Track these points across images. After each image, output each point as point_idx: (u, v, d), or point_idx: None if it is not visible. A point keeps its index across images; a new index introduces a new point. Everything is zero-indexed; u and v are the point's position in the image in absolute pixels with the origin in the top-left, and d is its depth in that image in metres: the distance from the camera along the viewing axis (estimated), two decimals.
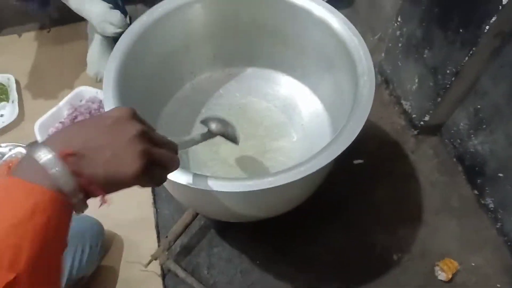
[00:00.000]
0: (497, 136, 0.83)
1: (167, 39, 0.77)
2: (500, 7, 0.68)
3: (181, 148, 0.46)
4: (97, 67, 1.14)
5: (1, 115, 1.13)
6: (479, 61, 0.80)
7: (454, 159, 1.00)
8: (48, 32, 1.29)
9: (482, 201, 0.93)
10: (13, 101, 1.12)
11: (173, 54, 0.80)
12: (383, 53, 1.11)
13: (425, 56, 0.92)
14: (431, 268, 0.87)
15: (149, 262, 0.85)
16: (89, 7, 1.00)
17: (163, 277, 0.87)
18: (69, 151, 0.33)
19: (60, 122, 1.07)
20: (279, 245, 0.90)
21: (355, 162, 1.02)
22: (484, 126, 0.87)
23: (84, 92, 1.12)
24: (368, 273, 0.87)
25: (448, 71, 0.86)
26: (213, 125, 0.60)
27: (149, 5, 1.34)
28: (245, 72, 0.92)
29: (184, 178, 0.55)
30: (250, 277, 0.87)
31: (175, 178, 0.54)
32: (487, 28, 0.73)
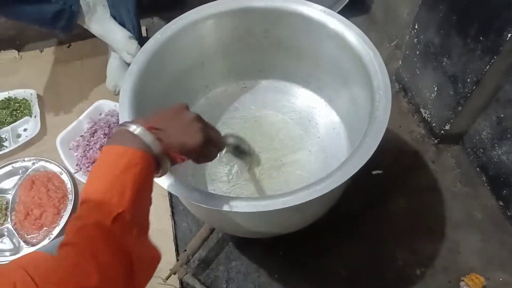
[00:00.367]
0: None
1: (182, 56, 0.77)
2: None
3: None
4: (116, 80, 1.17)
5: (25, 130, 1.16)
6: (501, 70, 0.78)
7: (477, 169, 0.97)
8: (69, 47, 1.33)
9: (509, 213, 0.90)
10: (36, 116, 1.16)
11: (188, 70, 0.81)
12: (400, 61, 1.09)
13: (444, 64, 0.90)
14: (456, 284, 0.84)
15: (168, 276, 0.86)
16: (110, 35, 1.06)
17: None
18: (153, 125, 0.45)
19: (81, 136, 1.09)
20: (297, 259, 0.89)
21: (374, 173, 1.00)
22: (509, 136, 0.84)
23: (103, 106, 1.14)
24: None
25: (469, 80, 0.83)
26: (231, 139, 0.66)
27: (165, 18, 1.37)
28: (260, 85, 0.92)
29: (197, 197, 0.55)
30: None
31: (189, 197, 0.54)
32: (510, 36, 0.70)
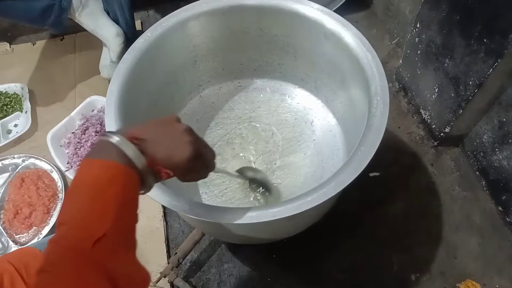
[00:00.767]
0: None
1: (173, 54, 0.75)
2: None
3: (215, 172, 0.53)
4: (111, 71, 1.14)
5: (15, 125, 1.13)
6: (505, 73, 0.75)
7: (477, 173, 0.94)
8: (62, 40, 1.29)
9: (508, 219, 0.88)
10: (27, 111, 1.13)
11: (180, 69, 0.78)
12: (401, 60, 1.06)
13: (446, 65, 0.87)
14: None
15: (158, 280, 0.84)
16: (100, 31, 1.04)
17: None
18: (136, 135, 0.41)
19: (72, 133, 1.07)
20: (291, 263, 0.88)
21: (371, 175, 0.98)
22: (510, 141, 0.81)
23: (96, 102, 1.11)
24: None
25: (471, 82, 0.81)
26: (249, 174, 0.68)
27: (160, 11, 1.34)
28: (255, 84, 0.89)
29: (183, 206, 0.52)
30: None
31: (174, 206, 0.52)
32: None
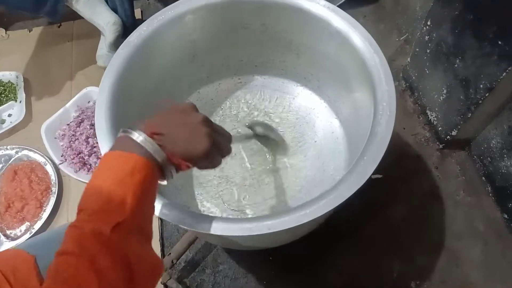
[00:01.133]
0: None
1: (170, 49, 0.71)
2: None
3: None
4: (107, 62, 1.11)
5: (9, 115, 1.10)
6: None
7: (483, 178, 0.91)
8: (59, 28, 1.26)
9: None
10: (21, 101, 1.10)
11: (177, 64, 0.75)
12: (409, 58, 1.02)
13: (456, 66, 0.83)
14: None
15: None
16: (96, 20, 1.00)
17: None
18: (155, 130, 0.42)
19: (67, 125, 1.04)
20: (288, 266, 0.85)
21: (373, 177, 0.94)
22: None
23: (92, 93, 1.08)
24: None
25: (482, 86, 0.77)
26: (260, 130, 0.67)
27: (162, 0, 1.29)
28: (256, 81, 0.85)
29: (176, 217, 0.50)
30: None
31: (166, 217, 0.49)
32: None
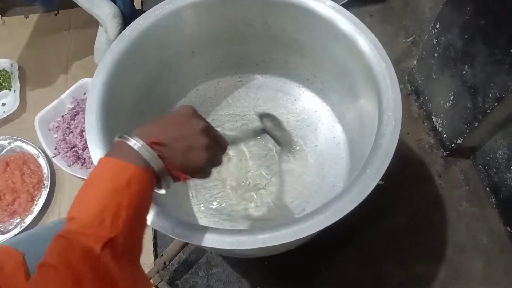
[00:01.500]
0: None
1: (168, 45, 0.68)
2: None
3: (232, 144, 0.50)
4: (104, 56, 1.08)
5: (3, 104, 1.08)
6: None
7: (487, 189, 0.89)
8: (56, 15, 1.22)
9: None
10: (15, 90, 1.07)
11: (175, 61, 0.72)
12: (416, 61, 0.99)
13: (464, 73, 0.80)
14: None
15: None
16: (95, 10, 0.95)
17: None
18: (156, 140, 0.39)
19: (62, 117, 1.01)
20: (283, 272, 0.83)
21: None
22: None
23: (88, 84, 1.05)
24: None
25: (491, 95, 0.74)
26: (268, 124, 0.61)
27: None
28: (257, 80, 0.82)
29: (167, 226, 0.47)
30: None
31: (155, 225, 0.47)
32: None
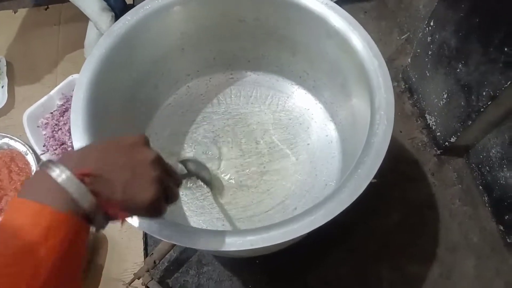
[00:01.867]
0: None
1: (157, 41, 0.67)
2: None
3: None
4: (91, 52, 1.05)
5: None
6: None
7: (480, 187, 0.88)
8: (46, 10, 1.20)
9: (509, 240, 0.82)
10: (3, 86, 1.05)
11: (165, 57, 0.70)
12: (410, 58, 0.98)
13: (458, 71, 0.79)
14: None
15: (131, 281, 0.79)
16: (83, 4, 0.91)
17: None
18: (86, 171, 0.31)
19: (51, 113, 0.99)
20: (275, 269, 0.82)
21: None
22: None
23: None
24: None
25: (485, 93, 0.73)
26: (191, 166, 0.56)
27: None
28: (249, 77, 0.81)
29: (152, 226, 0.46)
30: None
31: (144, 228, 0.46)
32: None
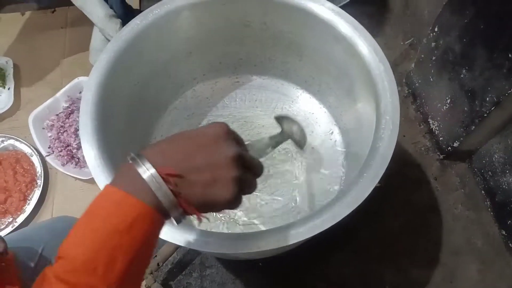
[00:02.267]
0: None
1: (165, 45, 0.67)
2: None
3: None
4: (99, 56, 1.06)
5: None
6: None
7: (483, 192, 0.89)
8: (53, 13, 1.21)
9: (511, 244, 0.83)
10: (10, 88, 1.06)
11: (172, 61, 0.71)
12: (413, 64, 0.99)
13: (462, 77, 0.80)
14: None
15: None
16: (90, 9, 0.92)
17: None
18: (171, 171, 0.32)
19: (56, 115, 1.00)
20: (278, 272, 0.83)
21: None
22: None
23: (83, 83, 1.04)
24: None
25: (488, 99, 0.74)
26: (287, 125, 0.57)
27: None
28: (254, 81, 0.82)
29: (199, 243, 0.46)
30: None
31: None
32: None
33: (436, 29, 0.85)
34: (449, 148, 0.90)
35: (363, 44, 0.57)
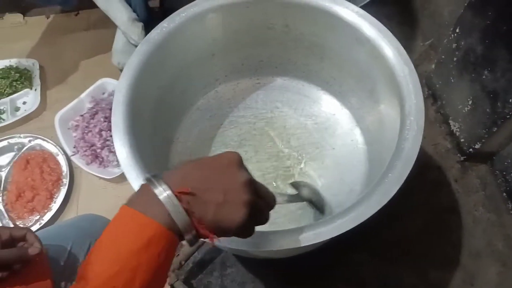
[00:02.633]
0: None
1: (190, 47, 0.69)
2: None
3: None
4: (122, 57, 1.09)
5: (24, 103, 1.10)
6: None
7: (504, 194, 0.88)
8: (76, 16, 1.24)
9: None
10: (36, 89, 1.09)
11: (196, 62, 0.73)
12: (434, 65, 0.98)
13: (484, 78, 0.80)
14: None
15: None
16: (114, 13, 0.95)
17: None
18: (185, 189, 0.34)
19: (81, 116, 1.03)
20: (298, 273, 0.83)
21: None
22: None
23: (106, 85, 1.07)
24: None
25: (511, 100, 0.74)
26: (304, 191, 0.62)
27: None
28: (276, 83, 0.83)
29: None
30: None
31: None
32: None
33: (458, 30, 0.85)
34: (470, 150, 0.90)
35: (387, 47, 0.58)
